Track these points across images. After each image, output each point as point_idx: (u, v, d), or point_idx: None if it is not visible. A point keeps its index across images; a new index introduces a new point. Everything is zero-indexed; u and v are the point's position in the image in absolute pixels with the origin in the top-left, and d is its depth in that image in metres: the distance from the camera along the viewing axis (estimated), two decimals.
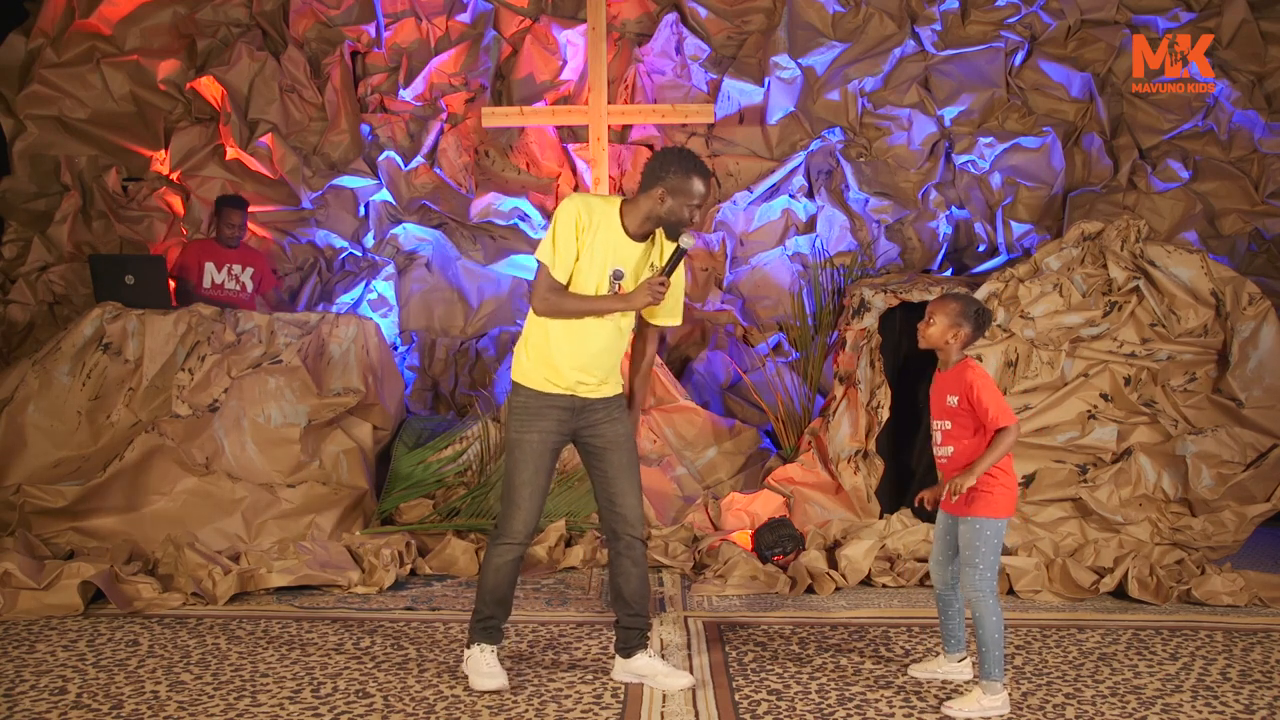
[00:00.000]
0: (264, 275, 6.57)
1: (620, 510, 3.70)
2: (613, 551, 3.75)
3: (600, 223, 3.60)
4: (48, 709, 3.45)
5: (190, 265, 6.40)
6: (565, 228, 3.58)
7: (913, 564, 5.09)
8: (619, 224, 3.63)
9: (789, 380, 6.63)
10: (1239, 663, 3.97)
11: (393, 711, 3.47)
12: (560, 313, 3.62)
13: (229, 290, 6.41)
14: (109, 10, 7.20)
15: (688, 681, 3.69)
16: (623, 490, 3.70)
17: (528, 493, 3.65)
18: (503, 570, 3.69)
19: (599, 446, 3.71)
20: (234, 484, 5.26)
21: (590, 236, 3.59)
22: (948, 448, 3.60)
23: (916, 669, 3.85)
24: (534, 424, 3.66)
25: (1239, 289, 5.25)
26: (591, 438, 3.71)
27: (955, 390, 3.56)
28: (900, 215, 7.11)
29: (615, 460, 3.70)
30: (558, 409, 3.66)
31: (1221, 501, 5.19)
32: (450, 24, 7.37)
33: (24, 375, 5.45)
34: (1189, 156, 6.97)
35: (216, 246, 6.47)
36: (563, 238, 3.58)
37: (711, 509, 5.63)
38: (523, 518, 3.66)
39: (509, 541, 3.67)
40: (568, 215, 3.59)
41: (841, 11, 7.21)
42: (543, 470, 3.68)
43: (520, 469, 3.65)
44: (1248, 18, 6.98)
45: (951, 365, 3.62)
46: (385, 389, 5.89)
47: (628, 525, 3.70)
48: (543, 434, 3.66)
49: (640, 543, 3.73)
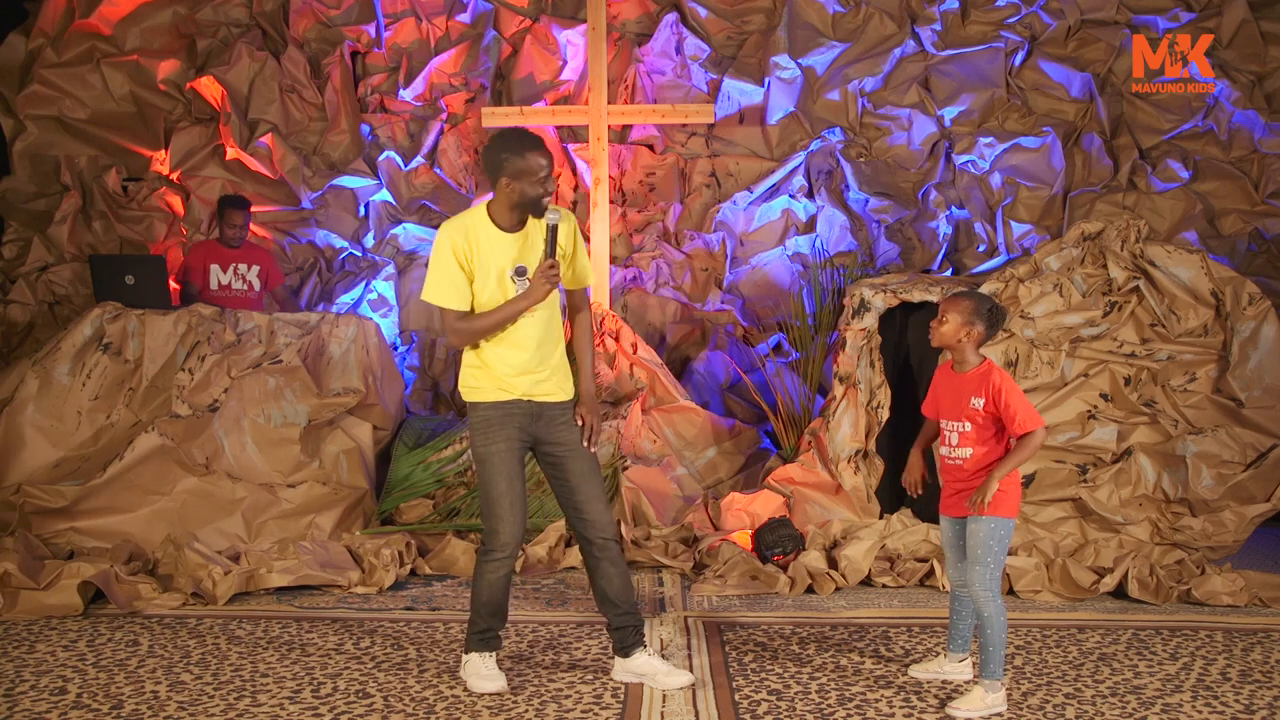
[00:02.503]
0: (271, 272, 6.56)
1: (588, 516, 3.70)
2: (589, 558, 3.75)
3: (476, 237, 3.62)
4: (48, 709, 3.45)
5: (195, 268, 6.39)
6: (445, 260, 3.61)
7: (913, 564, 5.09)
8: (492, 227, 3.64)
9: (789, 380, 6.62)
10: (1239, 663, 3.97)
11: (393, 711, 3.47)
12: (477, 336, 3.63)
13: (236, 291, 6.40)
14: (109, 10, 7.20)
15: (687, 680, 3.69)
16: (588, 497, 3.69)
17: (507, 503, 3.63)
18: (496, 585, 3.68)
19: (559, 455, 3.70)
20: (234, 484, 5.26)
21: (473, 256, 3.61)
22: (965, 449, 3.58)
23: (917, 669, 3.85)
24: (498, 434, 3.65)
25: (1239, 289, 5.25)
26: (551, 446, 3.71)
27: (979, 393, 3.54)
28: (900, 215, 7.11)
29: (575, 468, 3.70)
30: (517, 415, 3.66)
31: (1221, 501, 5.19)
32: (450, 24, 7.37)
33: (24, 375, 5.45)
34: (1189, 156, 6.97)
35: (220, 248, 6.45)
36: (447, 272, 3.61)
37: (711, 509, 5.63)
38: (508, 529, 3.64)
39: (498, 556, 3.65)
40: (443, 248, 3.62)
41: (841, 11, 7.21)
42: (516, 478, 3.66)
43: (495, 482, 3.63)
44: (1248, 18, 6.98)
45: (971, 366, 3.60)
46: (385, 389, 5.89)
47: (598, 530, 3.69)
48: (508, 442, 3.65)
49: (614, 543, 3.72)
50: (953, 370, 3.67)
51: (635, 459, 5.92)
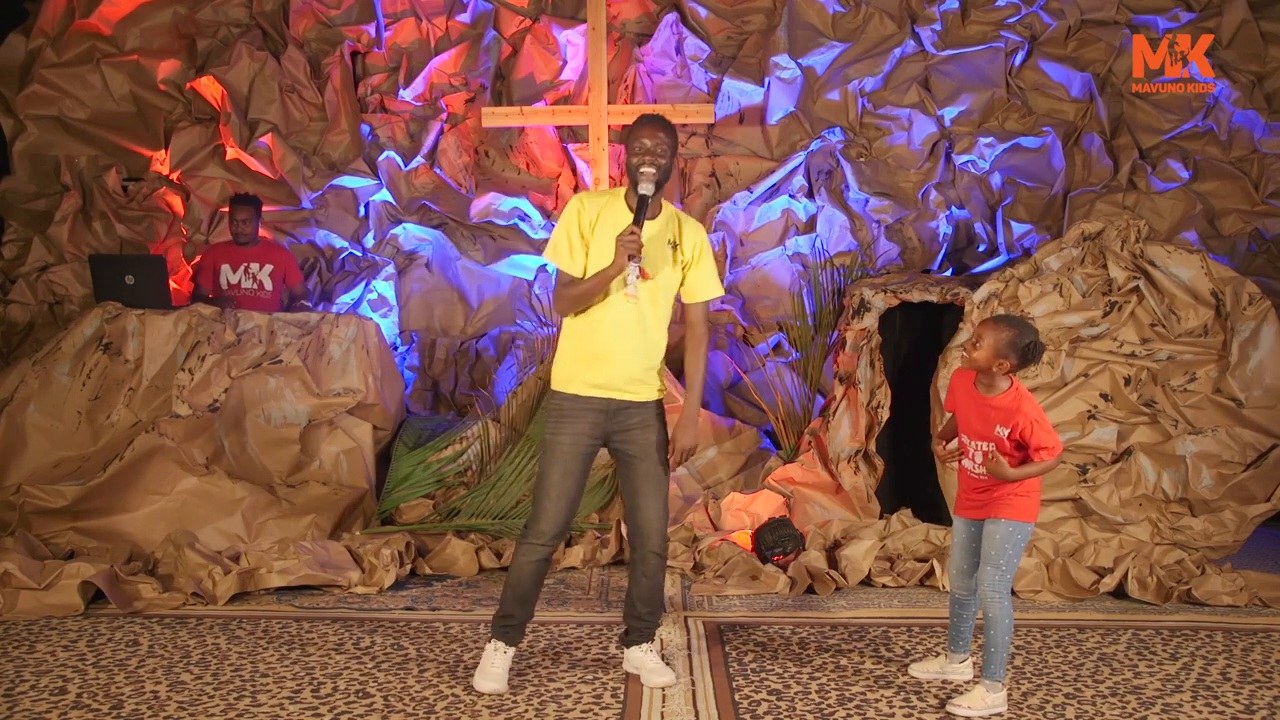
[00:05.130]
0: (289, 270, 6.57)
1: (638, 521, 3.69)
2: (633, 557, 3.76)
3: (603, 211, 3.63)
4: (48, 709, 3.45)
5: (205, 269, 6.42)
6: (568, 223, 3.65)
7: (913, 564, 5.09)
8: (623, 204, 3.65)
9: (789, 380, 6.63)
10: (1239, 663, 3.97)
11: (393, 711, 3.47)
12: (570, 302, 3.62)
13: (246, 290, 6.41)
14: (109, 10, 7.20)
15: (668, 679, 3.69)
16: (644, 502, 3.67)
17: (555, 494, 3.63)
18: (526, 568, 3.66)
19: (629, 454, 3.68)
20: (234, 484, 5.26)
21: (597, 224, 3.61)
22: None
23: (917, 668, 3.85)
24: (566, 427, 3.64)
25: (1239, 289, 5.25)
26: (623, 444, 3.68)
27: (1006, 422, 3.50)
28: (900, 215, 7.11)
29: (641, 470, 3.67)
30: (591, 411, 3.63)
31: (1221, 501, 5.19)
32: (450, 24, 7.37)
33: (24, 375, 5.46)
34: (1189, 156, 6.97)
35: (232, 247, 6.48)
36: (566, 233, 3.64)
37: (711, 509, 5.63)
38: (549, 519, 3.63)
39: (534, 541, 3.65)
40: (570, 211, 3.66)
41: (841, 11, 7.21)
42: (571, 474, 3.64)
43: (550, 471, 3.64)
44: (1248, 18, 6.98)
45: (998, 391, 3.54)
46: (385, 389, 5.89)
47: (644, 538, 3.69)
48: (574, 437, 3.64)
49: (656, 556, 3.70)
50: (976, 387, 3.59)
51: None
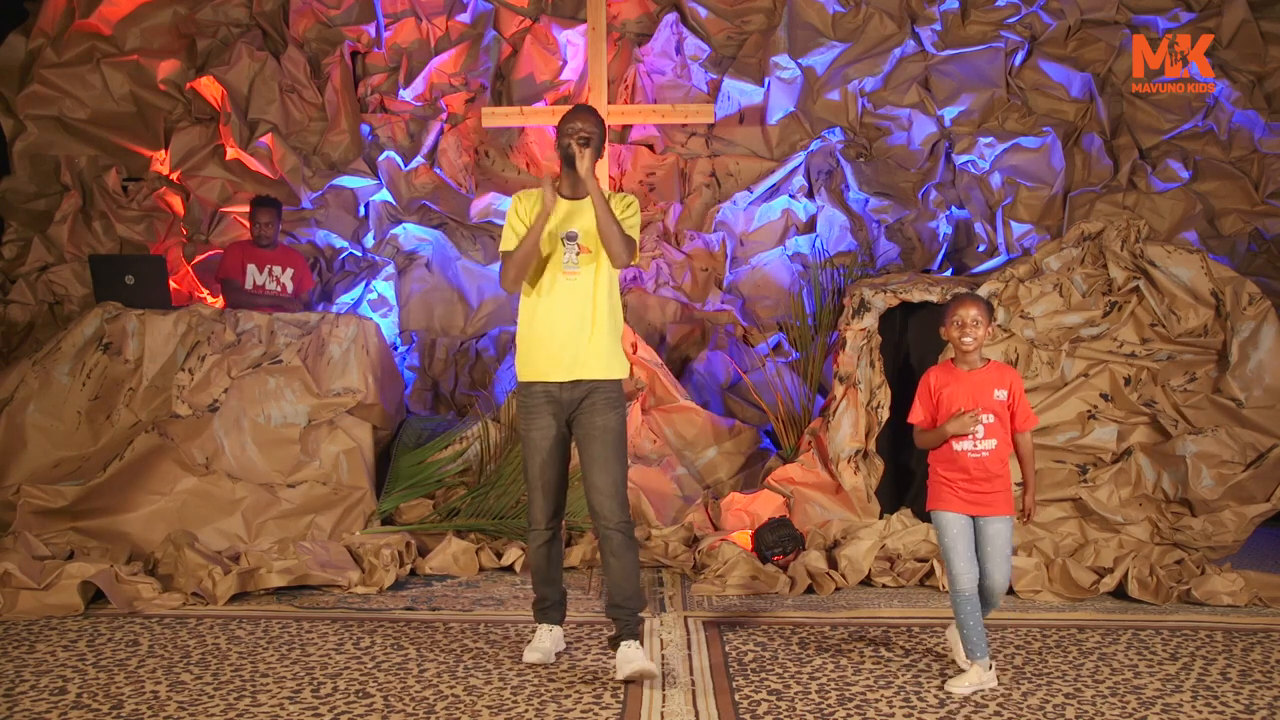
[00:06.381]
0: (303, 275, 6.59)
1: (592, 501, 3.82)
2: (599, 542, 3.89)
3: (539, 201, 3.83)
4: (48, 709, 3.45)
5: (234, 267, 6.43)
6: (510, 215, 3.92)
7: (913, 564, 5.09)
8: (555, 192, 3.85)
9: (789, 380, 6.63)
10: (1239, 663, 3.97)
11: (393, 711, 3.46)
12: (516, 266, 3.79)
13: (270, 291, 6.43)
14: (109, 10, 7.20)
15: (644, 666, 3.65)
16: (595, 484, 3.79)
17: (539, 486, 3.86)
18: (538, 554, 3.93)
19: (579, 436, 3.85)
20: (234, 484, 5.26)
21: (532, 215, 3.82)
22: (991, 441, 3.70)
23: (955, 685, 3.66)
24: (533, 421, 3.86)
25: (1239, 289, 5.25)
26: (575, 427, 3.85)
27: (1001, 384, 3.73)
28: (900, 215, 7.11)
29: (592, 452, 3.81)
30: (548, 401, 3.83)
31: (1221, 501, 5.19)
32: (450, 24, 7.37)
33: (24, 375, 5.46)
34: (1189, 156, 6.97)
35: (254, 248, 6.51)
36: (508, 225, 3.91)
37: (711, 509, 5.63)
38: (539, 509, 3.89)
39: (534, 529, 3.92)
40: (511, 206, 3.94)
41: (841, 11, 7.21)
42: (549, 464, 3.85)
43: (528, 466, 3.89)
44: (1248, 18, 6.98)
45: (978, 365, 3.77)
46: (385, 389, 5.89)
47: (599, 517, 3.81)
48: (541, 430, 3.84)
49: (616, 533, 3.78)
50: (956, 369, 3.78)
51: (635, 459, 5.93)
